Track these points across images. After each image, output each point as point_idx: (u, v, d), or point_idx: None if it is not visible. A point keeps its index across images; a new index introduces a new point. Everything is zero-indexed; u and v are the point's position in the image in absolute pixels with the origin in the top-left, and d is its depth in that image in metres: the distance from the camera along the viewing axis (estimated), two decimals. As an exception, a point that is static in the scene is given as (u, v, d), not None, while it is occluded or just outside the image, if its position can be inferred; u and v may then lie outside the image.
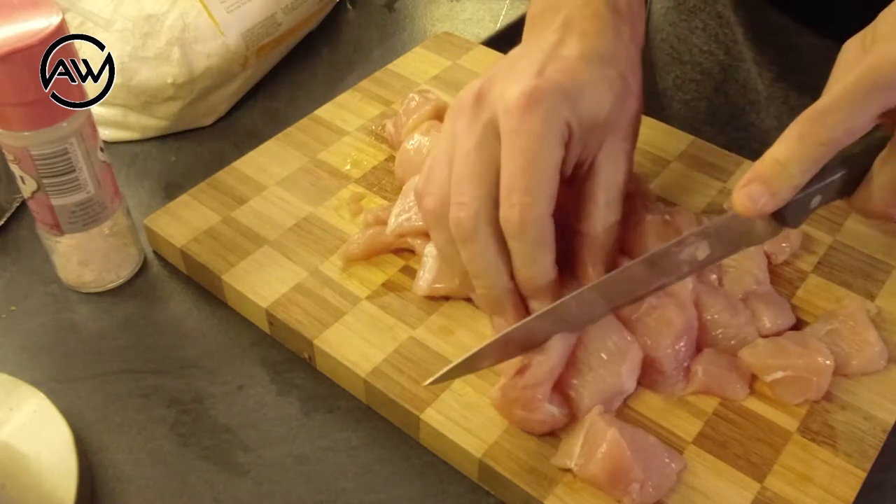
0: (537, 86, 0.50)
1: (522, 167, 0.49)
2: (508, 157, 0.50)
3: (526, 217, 0.49)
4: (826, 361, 0.53)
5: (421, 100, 0.71)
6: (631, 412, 0.54)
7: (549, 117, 0.49)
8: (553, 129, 0.50)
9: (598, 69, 0.52)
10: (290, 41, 0.84)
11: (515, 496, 0.51)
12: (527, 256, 0.51)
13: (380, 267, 0.62)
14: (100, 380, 0.58)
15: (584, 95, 0.51)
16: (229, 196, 0.67)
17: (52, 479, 0.51)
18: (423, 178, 0.54)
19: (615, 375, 0.52)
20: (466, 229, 0.50)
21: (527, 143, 0.49)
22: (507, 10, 0.93)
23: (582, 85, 0.51)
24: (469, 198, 0.50)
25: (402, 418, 0.55)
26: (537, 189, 0.49)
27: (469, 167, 0.51)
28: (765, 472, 0.51)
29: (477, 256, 0.51)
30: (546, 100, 0.49)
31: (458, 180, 0.51)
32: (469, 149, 0.51)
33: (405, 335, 0.58)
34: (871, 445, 0.52)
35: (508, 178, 0.50)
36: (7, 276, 0.65)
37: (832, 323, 0.56)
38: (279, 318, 0.59)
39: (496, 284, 0.52)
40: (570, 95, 0.50)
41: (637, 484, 0.48)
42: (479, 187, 0.50)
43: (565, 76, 0.51)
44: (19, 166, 0.56)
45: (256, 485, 0.53)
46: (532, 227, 0.50)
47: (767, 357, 0.54)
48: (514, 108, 0.49)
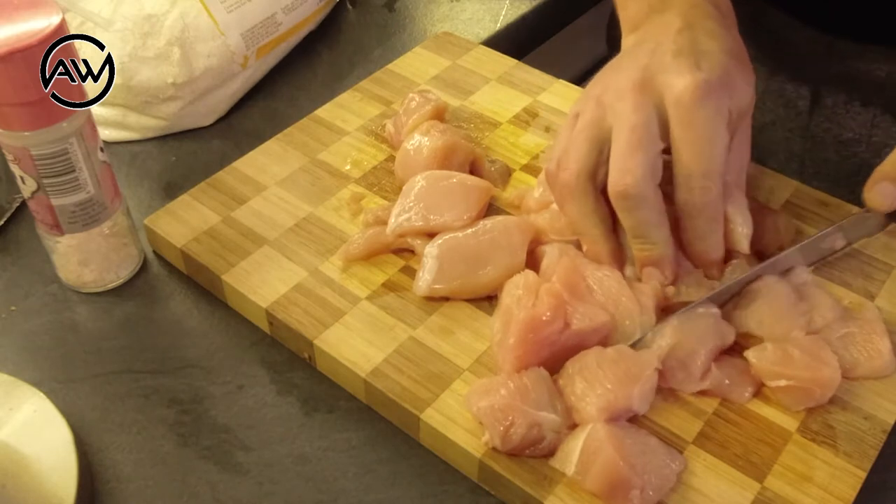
0: (706, 79, 0.54)
1: (699, 153, 0.54)
2: (684, 145, 0.54)
3: (705, 199, 0.54)
4: (833, 375, 0.53)
5: (421, 100, 0.71)
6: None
7: (718, 108, 0.54)
8: (722, 119, 0.54)
9: (739, 64, 0.57)
10: (290, 41, 0.84)
11: (515, 496, 0.51)
12: (704, 233, 0.56)
13: (380, 267, 0.62)
14: (100, 380, 0.58)
15: (736, 87, 0.56)
16: (229, 196, 0.67)
17: (52, 479, 0.51)
18: (558, 156, 0.57)
19: (627, 397, 0.51)
20: (633, 195, 0.54)
21: (702, 132, 0.54)
22: (507, 10, 0.93)
23: (733, 78, 0.56)
24: (636, 165, 0.53)
25: (402, 418, 0.55)
26: (713, 173, 0.54)
27: (637, 139, 0.54)
28: (765, 472, 0.51)
29: (643, 221, 0.55)
30: (714, 92, 0.54)
31: (626, 150, 0.54)
32: (636, 124, 0.54)
33: (405, 335, 0.58)
34: (871, 445, 0.52)
35: (686, 164, 0.54)
36: (7, 276, 0.65)
37: (849, 326, 0.56)
38: (279, 318, 0.59)
39: (661, 240, 0.56)
40: (728, 87, 0.55)
41: (637, 490, 0.48)
42: (646, 158, 0.54)
43: (722, 70, 0.55)
44: (19, 166, 0.56)
45: (256, 485, 0.53)
46: (710, 207, 0.55)
47: (772, 363, 0.53)
48: (687, 99, 0.53)
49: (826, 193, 0.67)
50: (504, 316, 0.55)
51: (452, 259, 0.59)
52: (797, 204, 0.66)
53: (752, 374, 0.54)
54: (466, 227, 0.61)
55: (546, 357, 0.54)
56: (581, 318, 0.54)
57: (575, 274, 0.56)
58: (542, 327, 0.53)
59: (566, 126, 0.59)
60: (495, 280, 0.59)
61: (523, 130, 0.73)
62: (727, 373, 0.54)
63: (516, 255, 0.60)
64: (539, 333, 0.53)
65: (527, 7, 0.94)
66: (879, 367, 0.55)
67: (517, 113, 0.75)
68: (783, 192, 0.67)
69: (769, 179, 0.68)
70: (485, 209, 0.64)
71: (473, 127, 0.73)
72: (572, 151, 0.57)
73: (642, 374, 0.52)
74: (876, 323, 0.56)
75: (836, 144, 0.77)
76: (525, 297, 0.54)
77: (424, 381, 0.55)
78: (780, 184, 0.68)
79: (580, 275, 0.57)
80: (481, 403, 0.51)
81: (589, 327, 0.54)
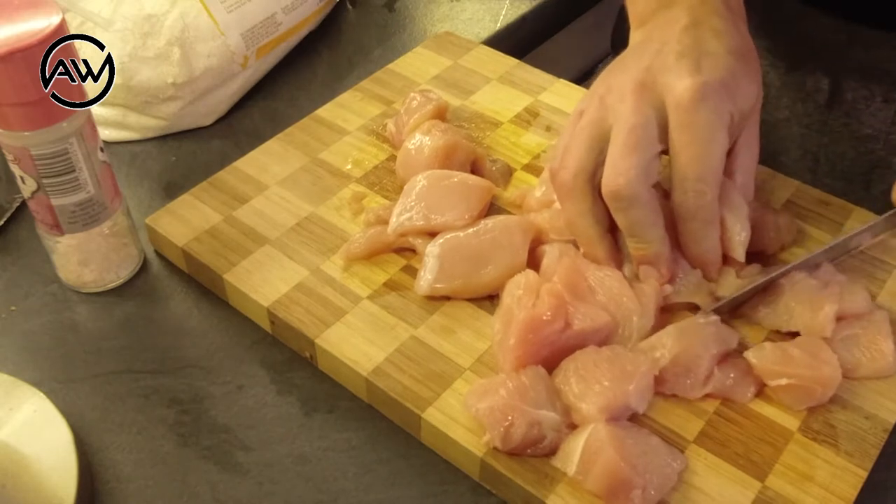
0: (705, 82, 0.53)
1: (695, 157, 0.54)
2: (681, 147, 0.54)
3: (700, 202, 0.54)
4: (834, 374, 0.53)
5: (422, 99, 0.71)
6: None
7: (717, 111, 0.54)
8: (721, 122, 0.54)
9: (744, 64, 0.56)
10: (290, 41, 0.84)
11: (517, 495, 0.51)
12: (699, 236, 0.56)
13: (381, 266, 0.62)
14: (100, 380, 0.58)
15: (739, 89, 0.55)
16: (230, 195, 0.67)
17: (52, 479, 0.51)
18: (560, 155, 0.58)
19: (624, 394, 0.51)
20: (626, 196, 0.54)
21: (699, 136, 0.53)
22: (507, 10, 0.93)
23: (737, 79, 0.55)
24: (630, 166, 0.54)
25: (403, 417, 0.55)
26: (708, 177, 0.54)
27: (634, 140, 0.54)
28: (766, 471, 0.51)
29: (637, 220, 0.55)
30: (713, 95, 0.54)
31: (622, 151, 0.54)
32: (634, 125, 0.54)
33: (406, 334, 0.58)
34: (872, 445, 0.52)
35: (682, 167, 0.54)
36: (7, 276, 0.65)
37: (854, 327, 0.56)
38: (281, 317, 0.59)
39: (654, 240, 0.56)
40: (730, 89, 0.55)
41: (638, 490, 0.48)
42: (642, 158, 0.54)
43: (724, 72, 0.55)
44: (19, 166, 0.56)
45: (256, 485, 0.53)
46: (704, 211, 0.55)
47: (772, 363, 0.53)
48: (686, 102, 0.53)
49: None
50: (505, 316, 0.55)
51: (453, 258, 0.59)
52: (798, 203, 0.66)
53: (754, 375, 0.54)
54: (468, 226, 0.61)
55: (546, 357, 0.54)
56: (582, 319, 0.54)
57: (576, 274, 0.56)
58: (542, 327, 0.53)
59: (569, 124, 0.59)
60: (496, 280, 0.59)
61: (524, 130, 0.73)
62: (729, 373, 0.54)
63: (517, 254, 0.60)
64: (539, 333, 0.53)
65: (527, 7, 0.94)
66: (882, 369, 0.55)
67: (518, 112, 0.75)
68: (784, 191, 0.67)
69: (770, 179, 0.68)
70: (486, 209, 0.64)
71: (475, 126, 0.73)
72: (573, 150, 0.57)
73: (637, 371, 0.52)
74: (882, 324, 0.56)
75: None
76: (526, 297, 0.54)
77: (426, 380, 0.55)
78: (781, 183, 0.68)
79: (581, 275, 0.57)
80: (480, 405, 0.51)
81: (590, 328, 0.54)
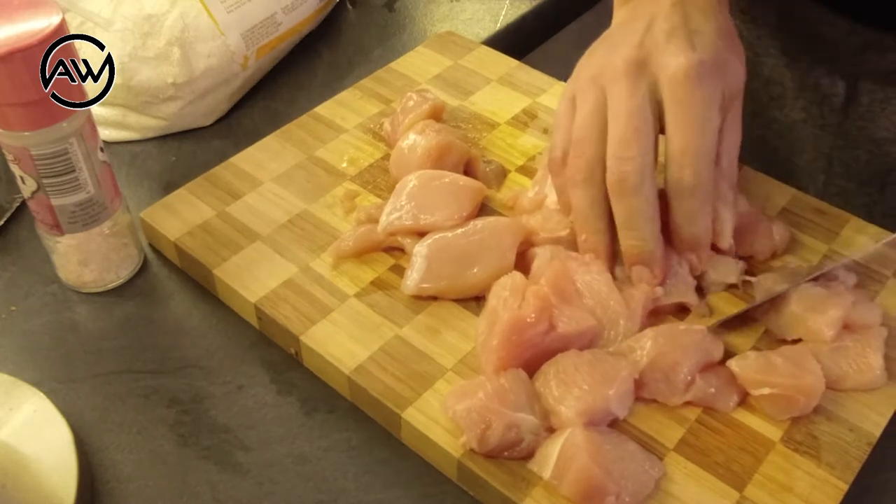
0: (701, 60, 0.54)
1: (692, 134, 0.54)
2: (677, 125, 0.54)
3: (697, 180, 0.54)
4: (817, 384, 0.52)
5: (419, 99, 0.71)
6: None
7: (712, 89, 0.54)
8: (715, 100, 0.54)
9: (730, 42, 0.57)
10: (290, 41, 0.84)
11: (493, 497, 0.51)
12: (694, 215, 0.55)
13: (370, 265, 0.62)
14: (100, 380, 0.58)
15: (728, 68, 0.56)
16: (225, 191, 0.67)
17: (52, 479, 0.51)
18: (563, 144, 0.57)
19: (603, 399, 0.51)
20: (632, 183, 0.54)
21: (695, 113, 0.54)
22: (507, 9, 0.93)
23: (726, 59, 0.56)
24: (635, 153, 0.54)
25: (384, 416, 0.55)
26: (705, 154, 0.54)
27: (634, 125, 0.54)
28: (745, 481, 0.50)
29: (638, 210, 0.55)
30: (707, 74, 0.54)
31: (624, 137, 0.54)
32: (633, 109, 0.54)
33: (391, 333, 0.58)
34: (854, 457, 0.51)
35: (679, 144, 0.54)
36: (7, 276, 0.65)
37: (844, 339, 0.55)
38: (267, 313, 0.59)
39: (652, 236, 0.56)
40: (721, 68, 0.55)
41: (612, 497, 0.48)
42: (644, 144, 0.54)
43: (714, 51, 0.55)
44: (19, 166, 0.56)
45: (256, 485, 0.53)
46: (700, 189, 0.54)
47: (755, 371, 0.53)
48: (681, 79, 0.53)
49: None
50: (490, 317, 0.55)
51: (441, 259, 0.59)
52: (793, 212, 0.65)
53: (737, 383, 0.54)
54: (456, 227, 0.61)
55: (529, 359, 0.53)
56: (567, 322, 0.54)
57: (564, 277, 0.56)
58: (525, 329, 0.53)
59: (563, 112, 0.58)
60: (483, 281, 0.58)
61: (521, 132, 0.73)
62: (712, 382, 0.53)
63: (505, 256, 0.59)
64: (523, 335, 0.53)
65: (527, 7, 0.94)
66: (868, 382, 0.54)
67: (516, 114, 0.74)
68: (780, 199, 0.67)
69: (766, 186, 0.68)
70: (478, 210, 0.64)
71: (472, 127, 0.73)
72: (586, 138, 0.56)
73: (618, 376, 0.52)
74: (874, 339, 0.55)
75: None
76: (511, 299, 0.54)
77: (408, 379, 0.55)
78: (776, 190, 0.67)
79: (569, 278, 0.56)
80: (458, 406, 0.51)
81: (574, 331, 0.54)
